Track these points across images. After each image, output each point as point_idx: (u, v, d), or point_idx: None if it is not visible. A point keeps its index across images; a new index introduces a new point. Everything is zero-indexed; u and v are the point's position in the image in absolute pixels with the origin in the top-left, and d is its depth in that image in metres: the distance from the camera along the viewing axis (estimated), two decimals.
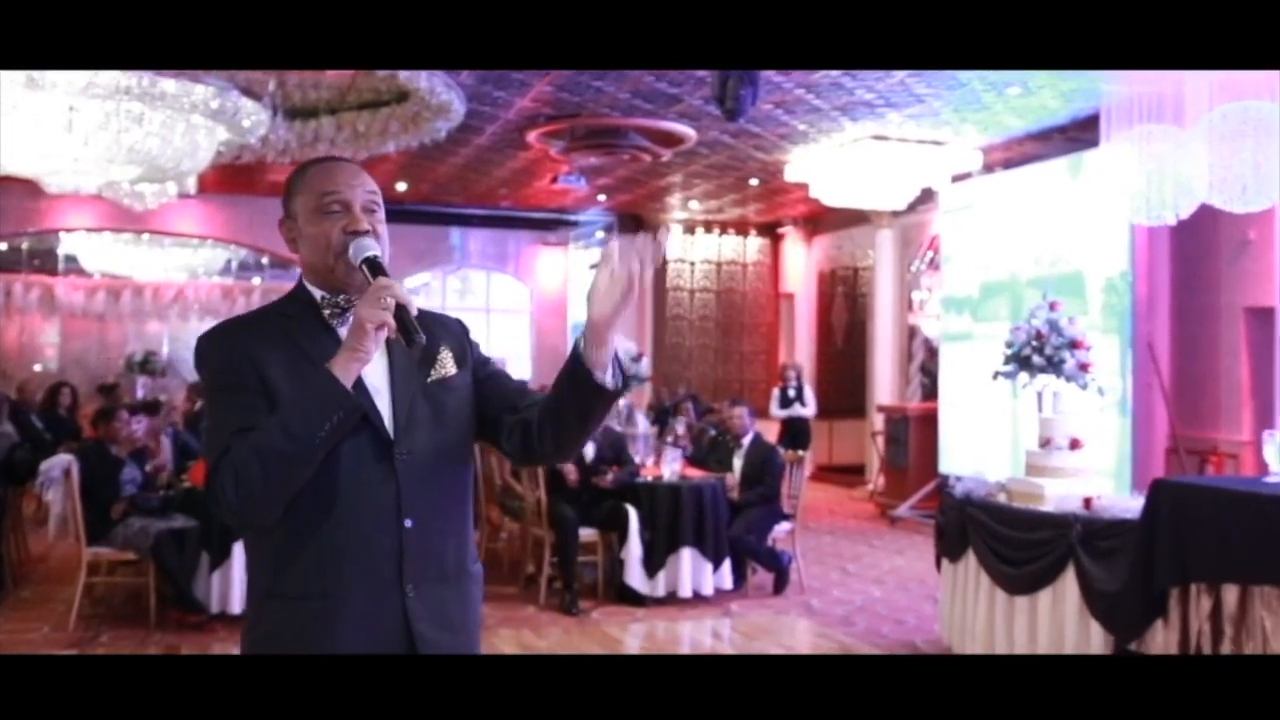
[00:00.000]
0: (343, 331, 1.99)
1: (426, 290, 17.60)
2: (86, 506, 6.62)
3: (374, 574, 1.95)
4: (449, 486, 2.07)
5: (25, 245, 15.13)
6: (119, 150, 8.21)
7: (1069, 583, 5.29)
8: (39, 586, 7.80)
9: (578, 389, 1.94)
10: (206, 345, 1.98)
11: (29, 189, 10.35)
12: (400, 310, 1.89)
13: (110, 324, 15.91)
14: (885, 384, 13.83)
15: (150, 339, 16.00)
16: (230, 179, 12.84)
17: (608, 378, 1.93)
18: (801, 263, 16.34)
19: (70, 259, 15.44)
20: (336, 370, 1.87)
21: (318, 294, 2.04)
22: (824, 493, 13.80)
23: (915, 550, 9.74)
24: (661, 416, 12.24)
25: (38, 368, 15.32)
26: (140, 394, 14.03)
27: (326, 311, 2.02)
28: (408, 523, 1.97)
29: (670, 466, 7.86)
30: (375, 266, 1.97)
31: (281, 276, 15.88)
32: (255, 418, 1.88)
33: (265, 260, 16.08)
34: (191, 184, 10.53)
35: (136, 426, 7.03)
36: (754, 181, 13.28)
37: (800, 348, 16.17)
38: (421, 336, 1.91)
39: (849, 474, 14.58)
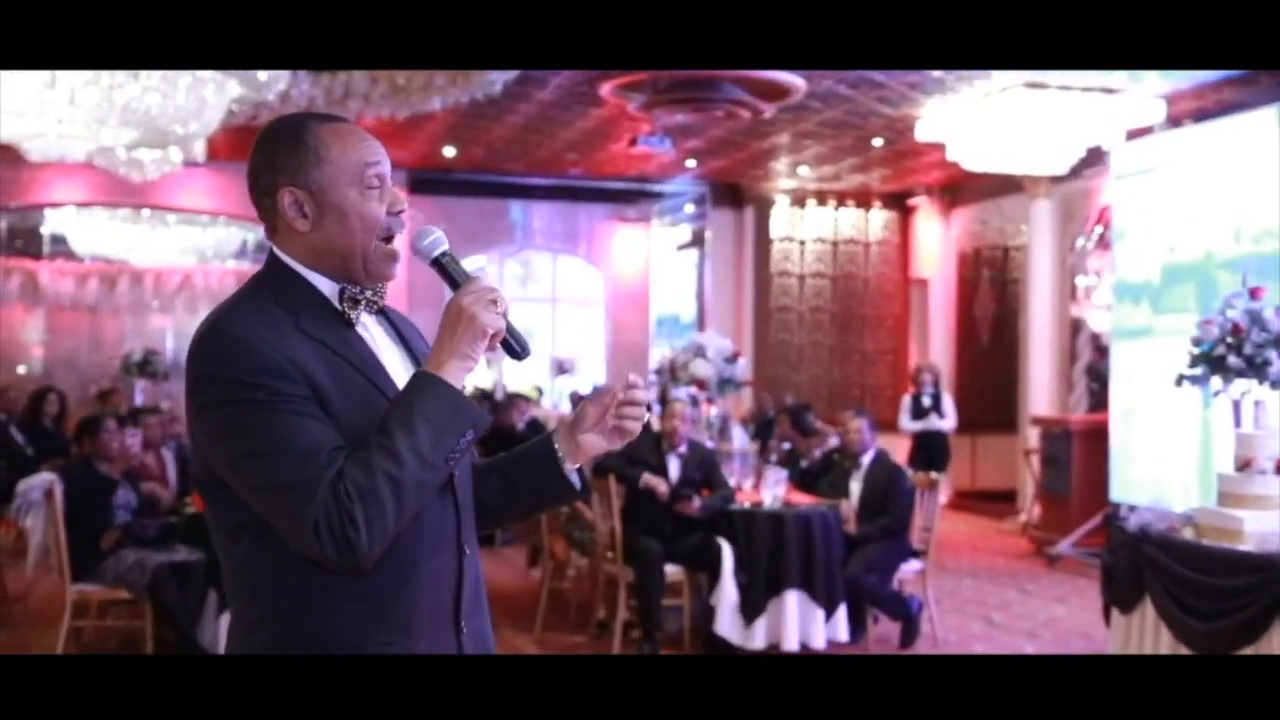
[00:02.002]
0: (360, 329, 2.08)
1: (482, 276, 17.73)
2: (72, 535, 6.76)
3: (439, 612, 2.06)
4: (473, 505, 2.21)
5: (4, 223, 15.55)
6: (111, 109, 8.39)
7: (1276, 641, 5.13)
8: (15, 631, 7.97)
9: (543, 481, 2.26)
10: (228, 347, 1.95)
11: (7, 156, 10.65)
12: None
13: (104, 317, 16.30)
14: (1042, 391, 13.71)
15: (151, 335, 16.36)
16: (244, 144, 12.96)
17: (575, 478, 2.25)
18: (937, 241, 16.24)
19: (57, 240, 15.83)
20: (450, 379, 1.96)
21: (324, 284, 2.08)
22: (965, 524, 13.69)
23: (1079, 597, 9.58)
24: (763, 430, 12.19)
25: (21, 370, 15.74)
26: (139, 400, 14.34)
27: (343, 305, 2.07)
28: (466, 549, 2.12)
29: (772, 491, 7.81)
30: (456, 263, 2.10)
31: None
32: (334, 434, 1.93)
33: None
34: (199, 150, 10.72)
35: (131, 440, 7.17)
36: (878, 142, 13.22)
37: (935, 346, 16.08)
38: (529, 348, 2.09)
39: (996, 501, 14.47)
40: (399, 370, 2.10)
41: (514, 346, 2.07)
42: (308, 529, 1.86)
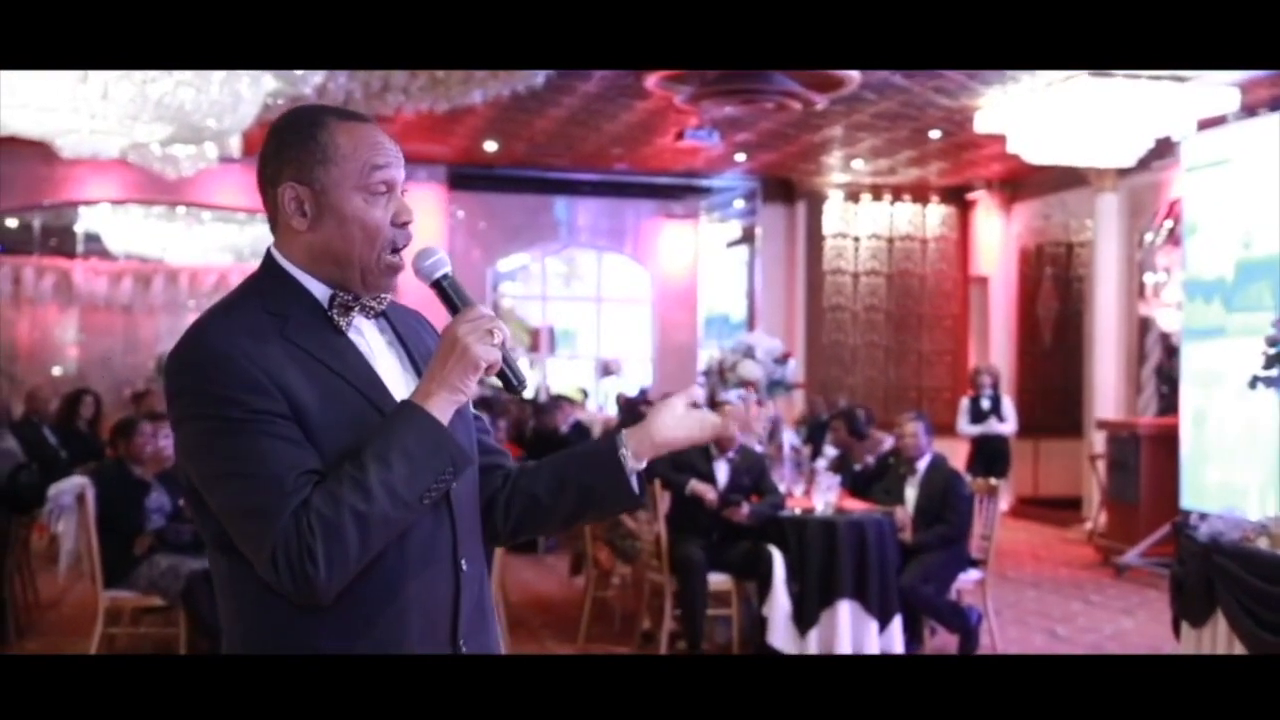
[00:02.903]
0: (354, 335, 2.05)
1: (525, 275, 17.82)
2: (104, 540, 6.82)
3: (432, 631, 2.03)
4: (478, 519, 2.19)
5: (37, 222, 15.74)
6: (144, 104, 8.48)
7: None
8: (48, 638, 8.06)
9: (598, 480, 2.17)
10: (205, 359, 1.93)
11: (40, 153, 10.77)
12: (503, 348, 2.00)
13: (139, 317, 16.46)
14: (1108, 393, 13.64)
15: None
16: None
17: (635, 482, 2.17)
18: (998, 237, 16.19)
19: (91, 238, 16.02)
20: (435, 412, 1.92)
21: (318, 288, 2.04)
22: (1027, 532, 13.64)
23: (1148, 609, 9.49)
24: (815, 433, 12.15)
25: (57, 371, 15.92)
26: None
27: (333, 311, 2.04)
28: (464, 565, 2.08)
29: (824, 497, 7.77)
30: (457, 287, 2.07)
31: None
32: (307, 457, 1.90)
33: None
34: (235, 145, 10.82)
35: (164, 442, 7.21)
36: (935, 134, 13.19)
37: (996, 346, 16.03)
38: (525, 381, 2.06)
39: (1060, 509, 14.42)
40: (396, 378, 2.08)
41: (510, 379, 2.04)
42: (265, 558, 1.84)
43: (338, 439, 1.92)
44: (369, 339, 2.08)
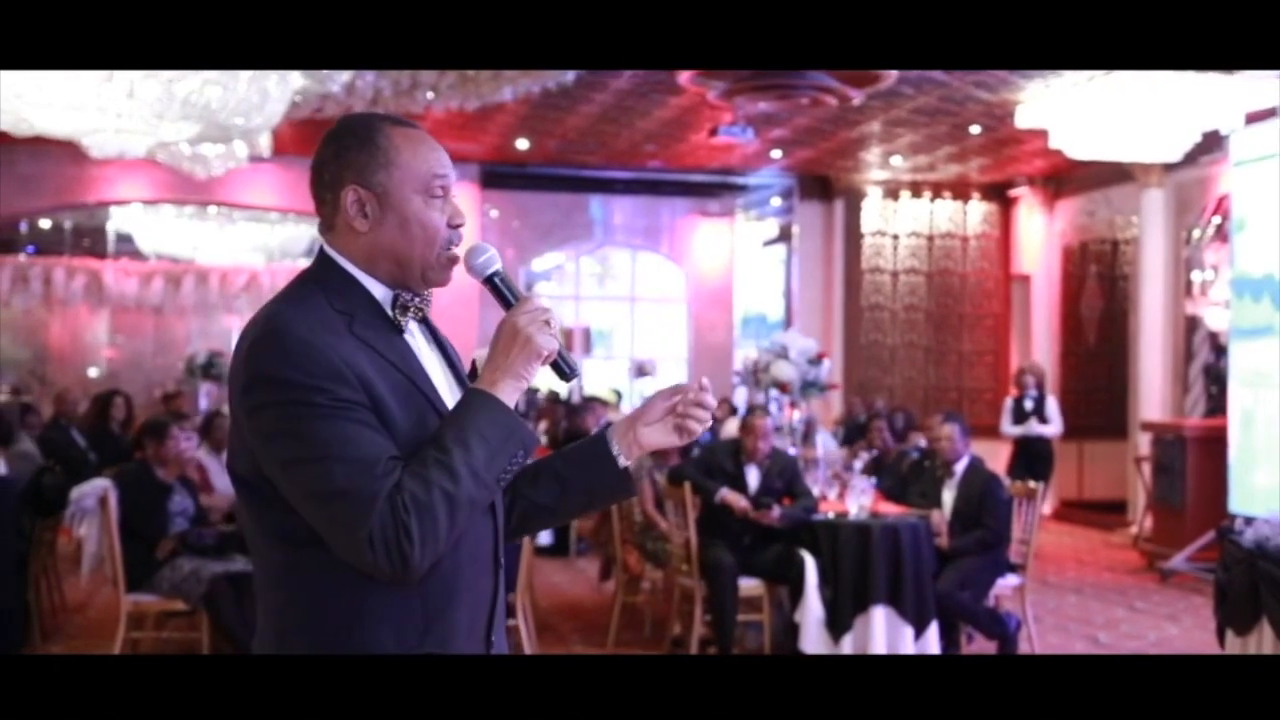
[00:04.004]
0: (408, 336, 2.15)
1: (560, 274, 17.81)
2: (126, 543, 6.82)
3: (474, 628, 2.14)
4: (520, 510, 2.31)
5: (69, 223, 15.85)
6: (171, 103, 8.49)
7: None
8: (73, 642, 8.08)
9: (594, 475, 2.30)
10: (290, 346, 1.99)
11: (70, 153, 10.81)
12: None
13: (169, 318, 16.58)
14: (1154, 394, 13.57)
15: (217, 336, 16.61)
16: (312, 137, 13.17)
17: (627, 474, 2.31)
18: (1040, 235, 16.12)
19: (123, 238, 16.11)
20: (503, 398, 2.05)
21: (378, 289, 2.14)
22: (1071, 537, 13.62)
23: (1193, 616, 9.38)
24: (853, 435, 12.07)
25: (93, 372, 16.02)
26: (203, 404, 14.55)
27: (395, 311, 2.14)
28: (501, 561, 2.20)
29: (858, 500, 7.69)
30: (509, 282, 2.19)
31: None
32: (390, 444, 1.98)
33: None
34: (264, 144, 10.85)
35: (186, 443, 7.22)
36: (975, 129, 13.15)
37: (1039, 346, 15.95)
38: (578, 368, 2.20)
39: (1106, 512, 14.40)
40: (441, 380, 2.17)
41: (564, 368, 2.16)
42: (362, 540, 1.91)
43: (406, 434, 2.01)
44: (418, 341, 2.19)
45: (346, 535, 1.92)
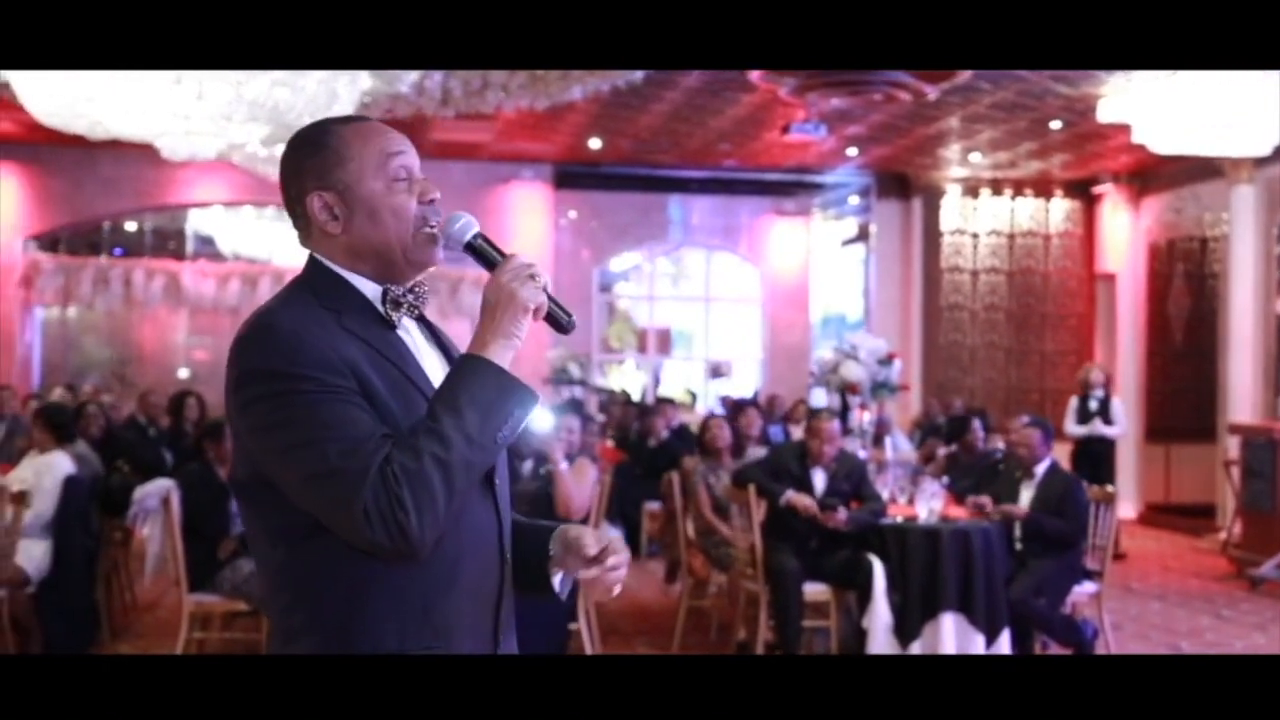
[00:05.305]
0: (401, 332, 2.16)
1: (636, 274, 17.77)
2: (189, 544, 6.86)
3: (479, 624, 2.13)
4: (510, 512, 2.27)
5: (149, 224, 16.10)
6: (239, 105, 8.57)
7: None
8: (140, 641, 8.18)
9: (526, 576, 2.24)
10: (278, 340, 2.01)
11: (150, 156, 10.94)
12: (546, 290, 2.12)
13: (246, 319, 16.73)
14: (1243, 396, 13.43)
15: None
16: None
17: (561, 586, 2.26)
18: (1125, 232, 15.97)
19: (203, 240, 16.32)
20: (494, 359, 2.04)
21: (367, 286, 2.16)
22: (1156, 542, 13.49)
23: None
24: (929, 437, 11.92)
25: (184, 374, 16.24)
26: None
27: (385, 307, 2.15)
28: (509, 556, 2.19)
29: (928, 504, 7.57)
30: (491, 243, 2.17)
31: (451, 258, 16.34)
32: (379, 424, 1.99)
33: None
34: None
35: None
36: (1056, 125, 13.08)
37: (1124, 346, 15.84)
38: (574, 319, 2.16)
39: (1194, 516, 14.27)
40: (438, 375, 2.15)
41: (559, 319, 2.13)
42: (358, 515, 1.91)
43: (396, 421, 2.00)
44: (414, 336, 2.19)
45: (344, 513, 1.93)
